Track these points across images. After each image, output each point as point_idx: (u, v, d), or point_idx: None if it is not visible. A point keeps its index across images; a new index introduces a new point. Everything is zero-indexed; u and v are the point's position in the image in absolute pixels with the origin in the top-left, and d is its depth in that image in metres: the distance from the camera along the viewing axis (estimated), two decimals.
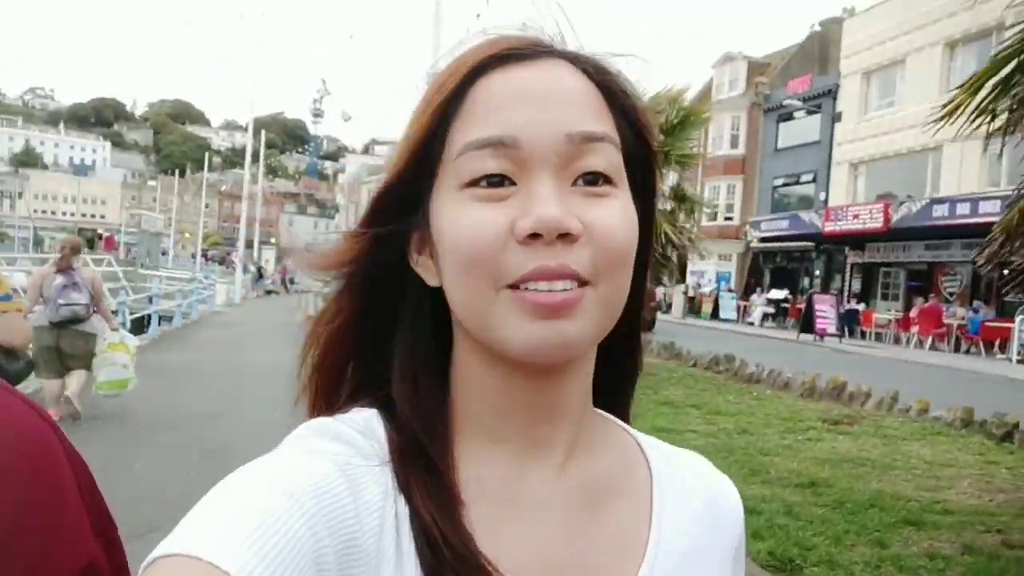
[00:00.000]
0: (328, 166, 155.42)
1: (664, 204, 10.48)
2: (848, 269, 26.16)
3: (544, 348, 0.49)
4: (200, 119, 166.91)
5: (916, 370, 14.78)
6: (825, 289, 25.38)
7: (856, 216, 22.84)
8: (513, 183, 0.50)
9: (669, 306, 29.64)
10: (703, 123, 13.50)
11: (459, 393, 0.56)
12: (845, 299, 23.58)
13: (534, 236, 0.48)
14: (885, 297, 24.80)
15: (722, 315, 27.96)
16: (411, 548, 0.48)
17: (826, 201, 26.87)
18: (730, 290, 30.00)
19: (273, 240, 59.46)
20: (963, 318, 19.06)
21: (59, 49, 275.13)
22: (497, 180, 0.50)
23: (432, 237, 0.53)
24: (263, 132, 40.76)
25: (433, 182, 0.52)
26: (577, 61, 0.53)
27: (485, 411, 0.55)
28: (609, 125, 0.52)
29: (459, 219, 0.50)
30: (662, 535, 0.56)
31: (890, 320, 21.47)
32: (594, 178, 0.50)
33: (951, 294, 21.55)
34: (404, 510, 0.49)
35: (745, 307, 27.67)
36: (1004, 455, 6.90)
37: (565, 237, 0.48)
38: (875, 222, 21.97)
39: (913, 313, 20.06)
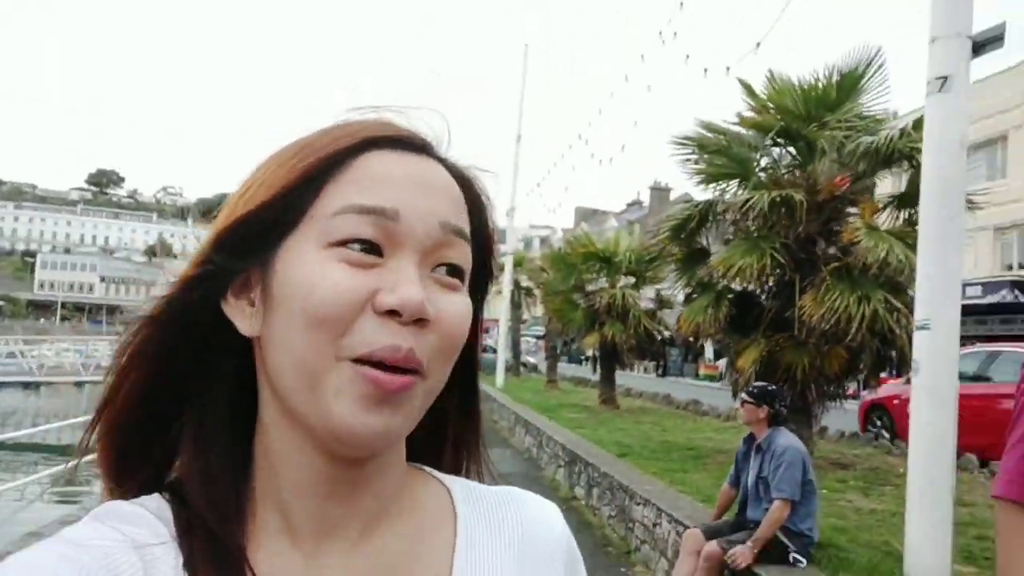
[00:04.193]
0: None
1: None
2: None
3: (369, 438, 0.51)
4: None
5: None
6: None
7: None
8: (379, 255, 0.52)
9: None
10: None
11: (259, 464, 0.56)
12: None
13: (391, 313, 0.50)
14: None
15: None
16: None
17: None
18: None
19: None
20: None
21: (188, 151, 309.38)
22: (367, 247, 0.52)
23: (269, 285, 0.53)
24: None
25: (287, 232, 0.53)
26: (447, 164, 0.58)
27: (281, 487, 0.54)
28: (467, 228, 0.57)
29: (320, 276, 0.50)
30: None
31: None
32: (452, 270, 0.54)
33: None
34: None
35: None
36: None
37: (419, 322, 0.51)
38: None
39: None
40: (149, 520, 0.52)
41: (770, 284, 8.74)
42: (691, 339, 9.65)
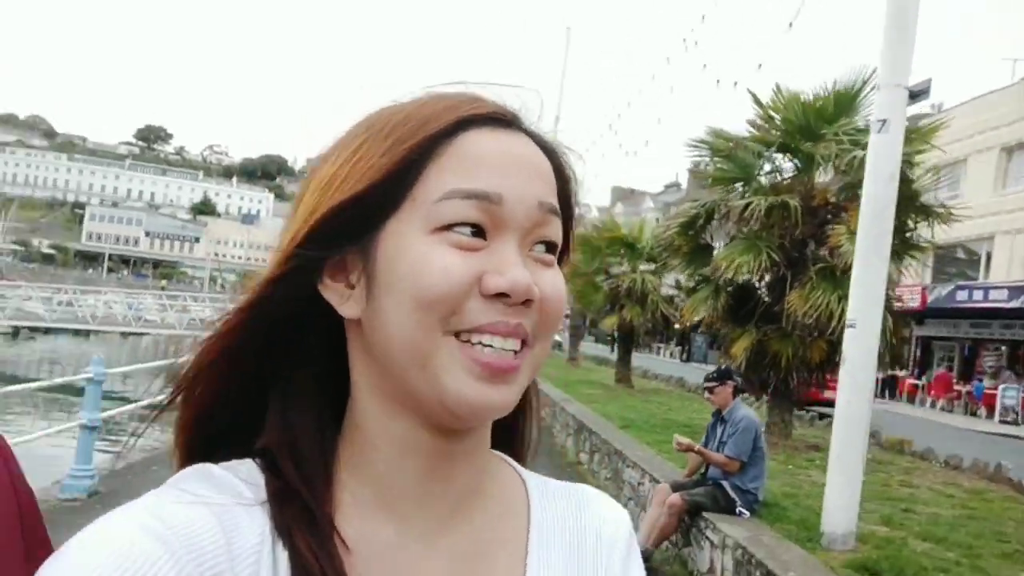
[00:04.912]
0: None
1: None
2: (913, 341, 30.60)
3: (483, 410, 0.53)
4: None
5: (905, 421, 19.71)
6: (895, 361, 30.15)
7: (899, 298, 27.72)
8: (483, 238, 0.53)
9: None
10: None
11: (349, 440, 0.57)
12: (885, 367, 28.37)
13: (499, 295, 0.52)
14: (939, 366, 29.05)
15: None
16: None
17: (898, 280, 31.57)
18: None
19: None
20: (969, 386, 23.55)
21: (235, 110, 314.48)
22: (476, 230, 0.53)
23: (372, 268, 0.54)
24: None
25: (389, 215, 0.54)
26: (539, 141, 0.59)
27: (376, 460, 0.56)
28: (557, 202, 0.58)
29: (429, 259, 0.52)
30: None
31: (918, 385, 26.02)
32: (548, 247, 0.56)
33: (990, 367, 25.77)
34: (283, 555, 0.50)
35: None
36: None
37: (526, 303, 0.53)
38: (913, 301, 26.71)
39: (923, 381, 24.87)
40: (236, 485, 0.52)
41: (766, 279, 9.67)
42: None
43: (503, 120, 0.57)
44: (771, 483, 6.58)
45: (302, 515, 0.52)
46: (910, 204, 9.00)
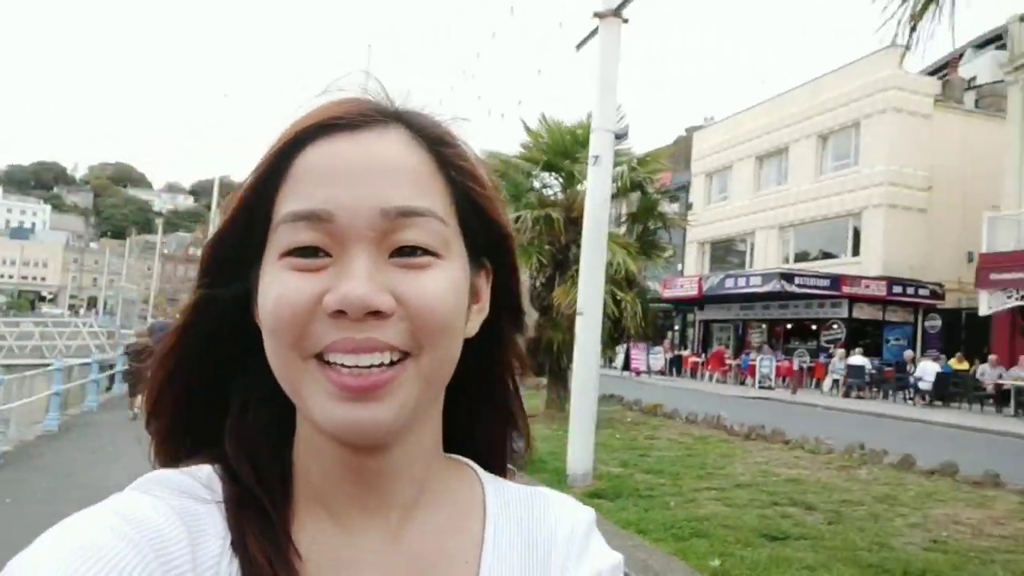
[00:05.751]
0: None
1: None
2: (696, 325, 34.77)
3: (353, 431, 0.51)
4: (142, 182, 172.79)
5: (680, 392, 22.73)
6: (682, 342, 33.99)
7: (681, 286, 31.49)
8: (328, 255, 0.52)
9: None
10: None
11: (297, 452, 0.58)
12: (673, 348, 32.17)
13: (341, 312, 0.50)
14: (718, 344, 33.31)
15: None
16: None
17: (682, 271, 35.64)
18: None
19: None
20: (739, 359, 27.51)
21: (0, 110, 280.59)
22: (311, 252, 0.52)
23: (255, 300, 0.55)
24: (215, 192, 41.60)
25: (261, 248, 0.54)
26: (415, 130, 0.56)
27: (316, 474, 0.56)
28: (435, 198, 0.54)
29: (273, 286, 0.52)
30: None
31: (699, 362, 29.89)
32: (411, 250, 0.52)
33: (756, 343, 30.00)
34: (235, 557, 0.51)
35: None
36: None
37: (376, 314, 0.50)
38: (692, 290, 30.56)
39: (703, 358, 28.82)
40: (198, 491, 0.53)
41: (542, 279, 11.46)
42: None
43: (349, 125, 0.54)
44: (541, 446, 8.21)
45: (257, 521, 0.53)
46: (650, 213, 11.31)
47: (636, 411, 13.24)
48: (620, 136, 6.92)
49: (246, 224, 0.55)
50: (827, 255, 28.87)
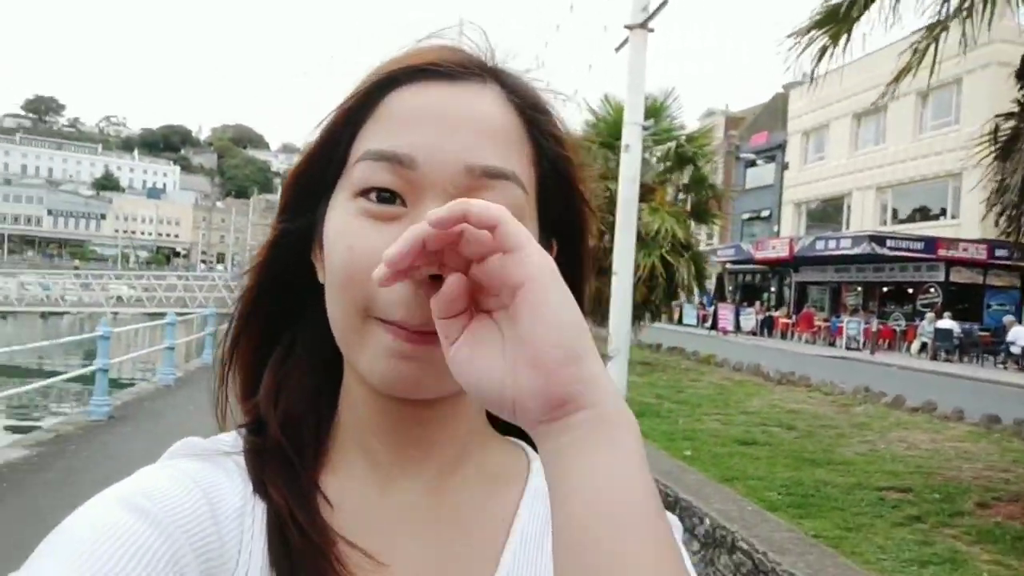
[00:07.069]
0: None
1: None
2: (792, 286, 35.36)
3: (402, 386, 0.51)
4: (260, 143, 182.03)
5: (759, 350, 23.91)
6: (778, 303, 34.78)
7: (773, 247, 32.12)
8: (404, 204, 0.51)
9: None
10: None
11: (343, 403, 0.59)
12: (767, 308, 32.98)
13: None
14: (813, 306, 33.86)
15: (684, 320, 37.34)
16: (264, 543, 0.52)
17: (778, 232, 36.11)
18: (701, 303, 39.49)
19: None
20: (828, 321, 28.19)
21: (130, 78, 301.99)
22: (388, 196, 0.50)
23: (322, 238, 0.55)
24: None
25: (333, 182, 0.55)
26: (509, 90, 0.55)
27: (358, 423, 0.57)
28: (522, 164, 0.53)
29: (343, 232, 0.51)
30: (519, 542, 0.59)
31: (789, 323, 30.69)
32: None
33: (851, 305, 30.46)
34: (261, 507, 0.53)
35: (704, 315, 37.15)
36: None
37: (437, 279, 0.47)
38: (783, 252, 31.17)
39: (793, 319, 29.58)
40: (219, 452, 0.55)
41: (604, 244, 13.33)
42: None
43: (444, 73, 0.53)
44: None
45: (279, 468, 0.54)
46: (701, 185, 12.97)
47: (692, 360, 14.91)
48: (648, 128, 8.69)
49: (327, 159, 0.55)
50: (925, 216, 28.83)
